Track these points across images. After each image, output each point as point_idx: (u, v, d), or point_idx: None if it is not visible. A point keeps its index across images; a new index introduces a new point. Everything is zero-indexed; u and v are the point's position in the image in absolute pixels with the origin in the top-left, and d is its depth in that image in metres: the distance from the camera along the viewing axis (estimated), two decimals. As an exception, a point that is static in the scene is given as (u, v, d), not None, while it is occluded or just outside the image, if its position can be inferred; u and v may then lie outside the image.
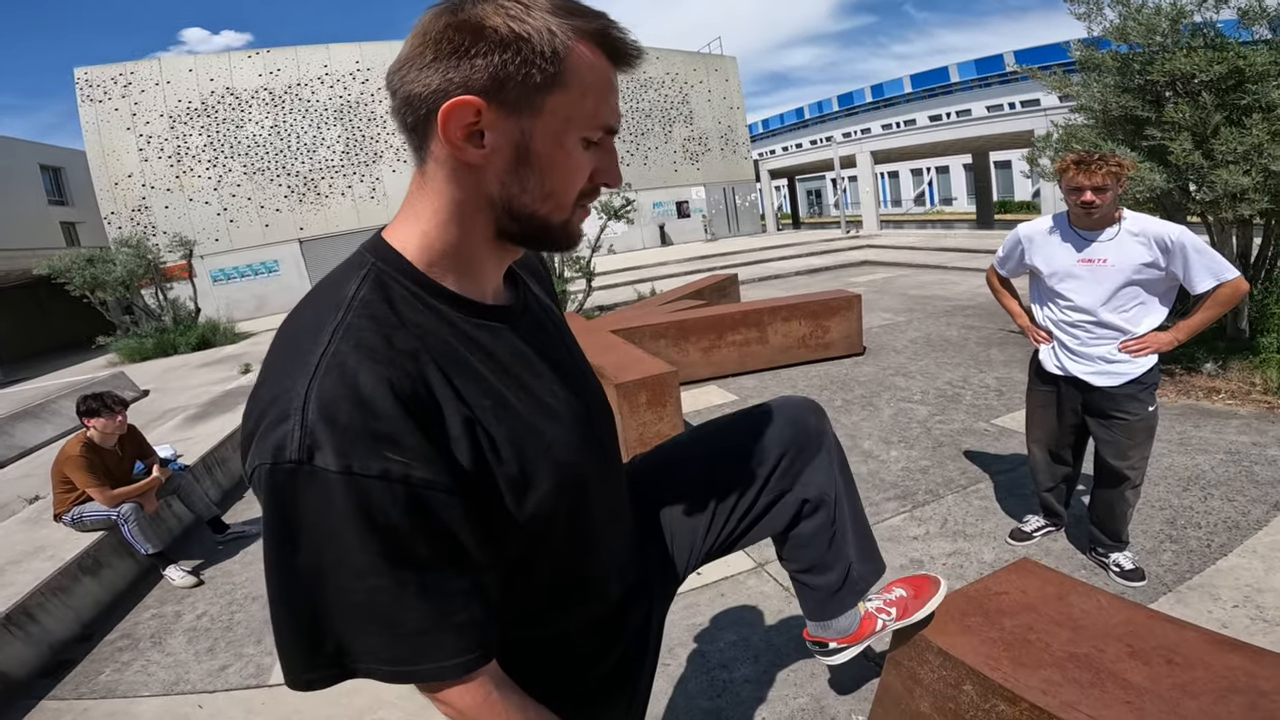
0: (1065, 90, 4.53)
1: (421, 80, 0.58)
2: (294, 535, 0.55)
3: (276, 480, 0.54)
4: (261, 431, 0.55)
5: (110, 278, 11.87)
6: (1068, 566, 2.56)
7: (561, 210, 0.65)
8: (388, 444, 0.55)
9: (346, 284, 0.62)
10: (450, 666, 0.61)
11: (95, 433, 3.33)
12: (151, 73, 17.24)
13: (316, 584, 0.57)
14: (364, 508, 0.54)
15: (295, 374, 0.56)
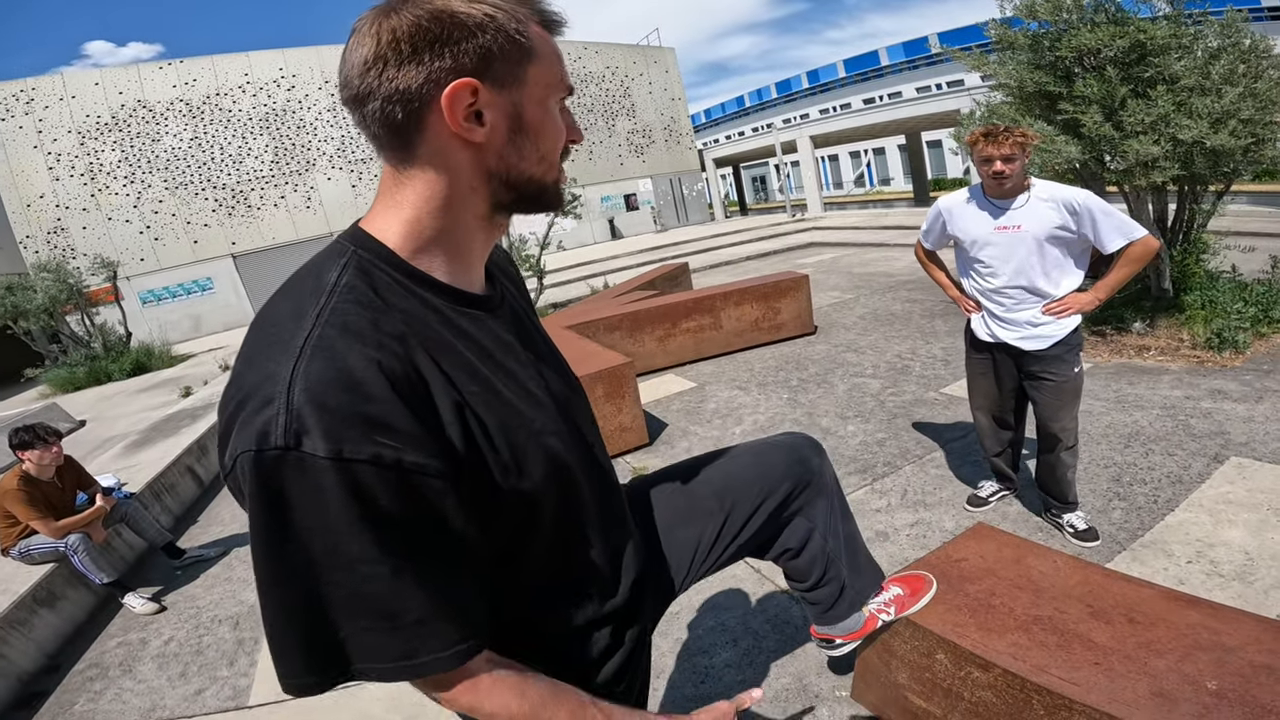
0: (983, 69, 4.71)
1: (406, 75, 0.59)
2: (283, 526, 0.53)
3: (262, 468, 0.52)
4: (244, 418, 0.53)
5: (32, 306, 11.14)
6: (1025, 529, 2.68)
7: (552, 170, 0.69)
8: (379, 428, 0.54)
9: (327, 272, 0.62)
10: (449, 656, 0.60)
11: (31, 465, 3.27)
12: (55, 88, 16.20)
13: (309, 577, 0.54)
14: (356, 494, 0.53)
15: (278, 359, 0.54)
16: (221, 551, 3.78)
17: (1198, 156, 3.86)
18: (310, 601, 0.55)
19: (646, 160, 23.51)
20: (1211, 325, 4.39)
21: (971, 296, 2.60)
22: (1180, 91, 3.78)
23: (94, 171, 16.37)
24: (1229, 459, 2.94)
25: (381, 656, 0.58)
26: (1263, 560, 2.24)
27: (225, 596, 3.29)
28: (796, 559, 1.16)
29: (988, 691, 1.24)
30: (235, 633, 2.94)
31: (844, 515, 1.17)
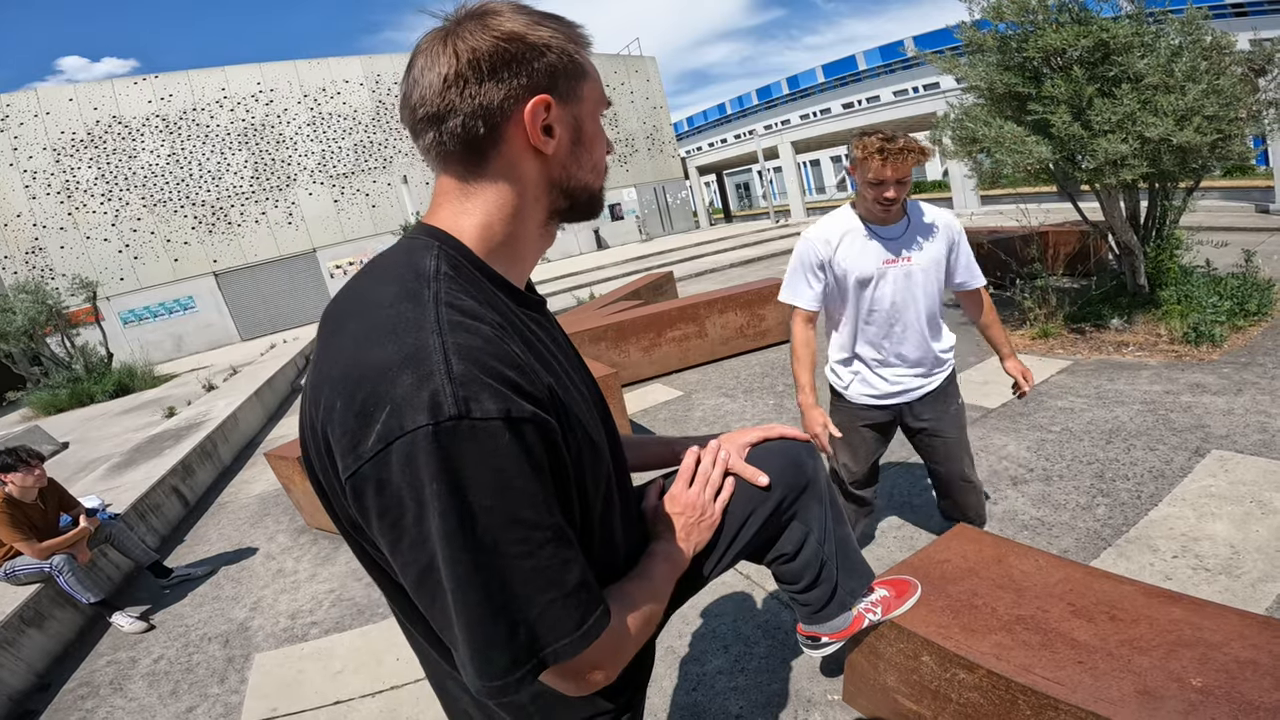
0: (954, 72, 4.79)
1: (489, 92, 0.63)
2: (469, 503, 0.51)
3: (442, 441, 0.50)
4: (401, 395, 0.51)
5: (11, 328, 10.96)
6: (1010, 529, 2.70)
7: (601, 177, 0.75)
8: (525, 393, 0.56)
9: (421, 260, 0.63)
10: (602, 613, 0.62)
11: (13, 488, 3.29)
12: (29, 104, 15.97)
13: (499, 556, 0.53)
14: (525, 452, 0.54)
15: (416, 333, 0.54)
16: (209, 570, 3.77)
17: (1165, 154, 3.94)
18: (505, 581, 0.54)
19: (630, 169, 23.60)
20: (1188, 320, 4.47)
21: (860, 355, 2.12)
22: (1145, 90, 3.86)
23: (70, 189, 16.16)
24: (1210, 452, 2.98)
25: (565, 629, 0.57)
26: (1248, 553, 2.26)
27: (214, 614, 3.28)
28: (791, 563, 1.16)
29: (974, 693, 1.25)
30: (225, 650, 2.93)
31: (837, 518, 1.18)
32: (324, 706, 2.38)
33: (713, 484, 0.95)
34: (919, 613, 1.38)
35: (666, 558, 0.87)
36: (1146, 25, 4.14)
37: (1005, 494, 2.95)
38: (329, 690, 2.46)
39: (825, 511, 1.12)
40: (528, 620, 0.56)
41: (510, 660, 0.56)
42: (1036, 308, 5.16)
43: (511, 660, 0.56)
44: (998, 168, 4.80)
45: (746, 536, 1.02)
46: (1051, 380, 4.21)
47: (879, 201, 1.85)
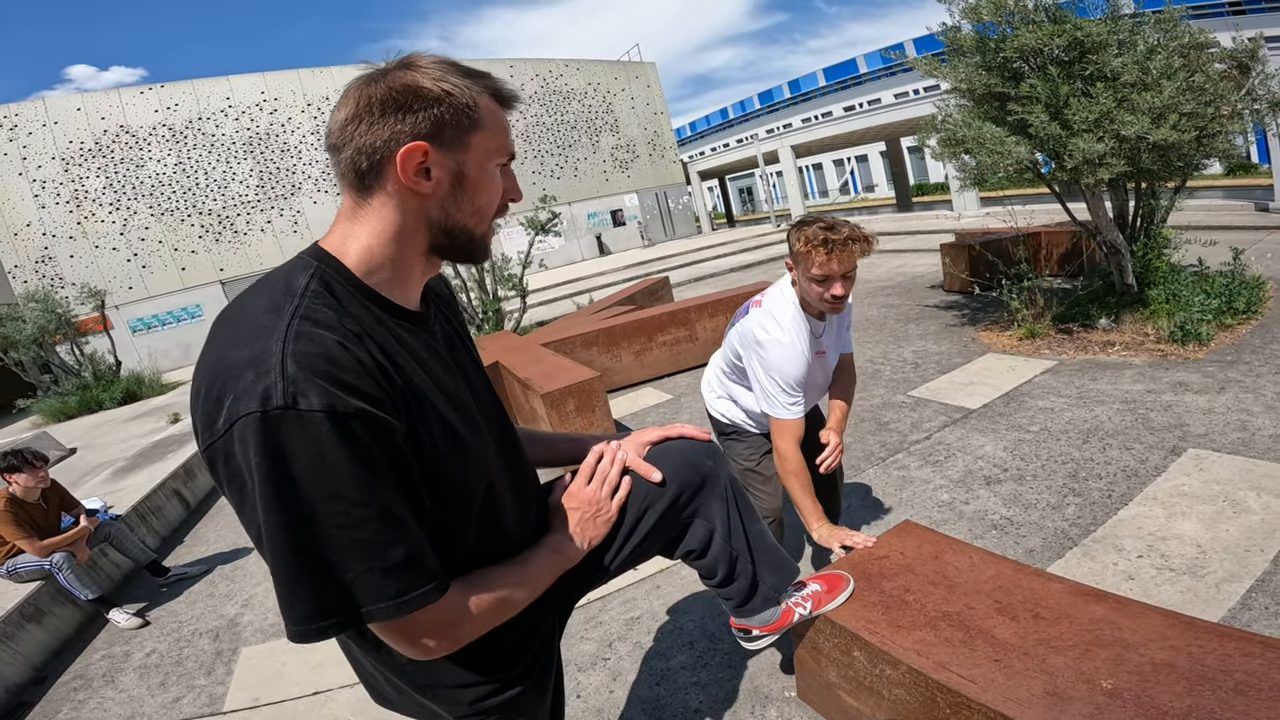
0: (936, 75, 4.80)
1: (373, 133, 0.73)
2: (289, 477, 0.61)
3: (267, 426, 0.60)
4: (241, 388, 0.61)
5: (22, 336, 11.15)
6: (979, 529, 2.71)
7: (484, 223, 0.83)
8: (357, 392, 0.64)
9: (297, 278, 0.73)
10: (432, 589, 0.71)
11: (17, 488, 3.41)
12: (37, 113, 16.20)
13: (315, 523, 0.63)
14: (348, 441, 0.62)
15: (265, 340, 0.64)
16: (204, 570, 3.88)
17: (1144, 152, 3.94)
18: (317, 545, 0.63)
19: (631, 175, 23.66)
20: (1175, 319, 4.46)
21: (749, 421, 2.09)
22: (1121, 88, 3.86)
23: (79, 199, 16.37)
24: (1187, 451, 2.97)
25: (382, 595, 0.67)
26: (1215, 553, 2.24)
27: (206, 611, 3.37)
28: (702, 559, 1.21)
29: (900, 689, 1.27)
30: (214, 644, 3.01)
31: (747, 515, 1.21)
32: (304, 696, 2.46)
33: (610, 482, 1.02)
34: (851, 608, 1.41)
35: (553, 549, 0.95)
36: (1122, 23, 4.14)
37: (978, 494, 2.96)
38: (309, 681, 2.54)
39: (729, 508, 1.15)
40: (341, 581, 0.65)
41: (314, 611, 0.66)
42: (1024, 308, 5.16)
43: (316, 611, 0.66)
44: (982, 169, 4.81)
45: (644, 531, 1.06)
46: (1035, 381, 4.21)
47: (826, 300, 1.70)
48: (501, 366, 4.92)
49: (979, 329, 5.62)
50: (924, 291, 7.75)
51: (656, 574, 2.77)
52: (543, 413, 3.93)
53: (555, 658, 1.05)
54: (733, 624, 1.38)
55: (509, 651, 0.92)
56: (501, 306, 9.17)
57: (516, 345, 5.68)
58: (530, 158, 21.70)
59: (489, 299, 9.07)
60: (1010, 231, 6.91)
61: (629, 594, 2.68)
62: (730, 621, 1.38)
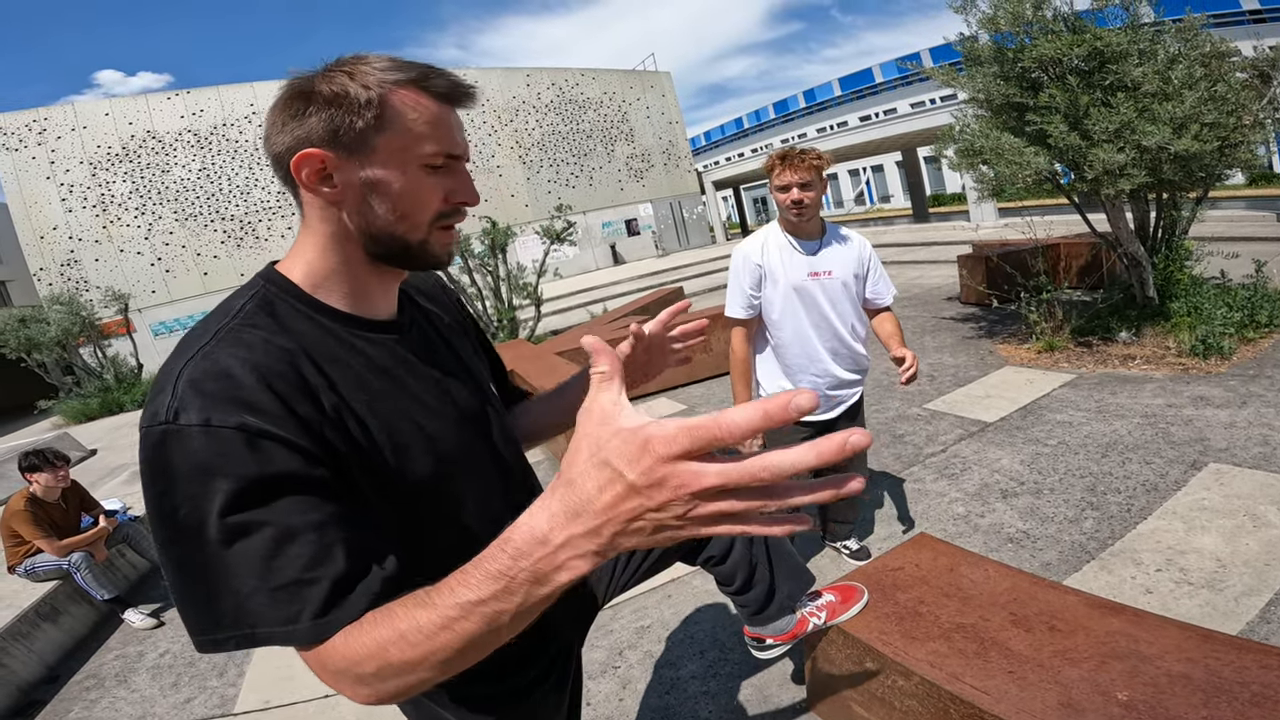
0: (953, 84, 4.79)
1: (278, 142, 0.71)
2: (169, 491, 0.60)
3: (150, 441, 0.61)
4: (150, 406, 0.62)
5: (45, 338, 11.37)
6: (994, 542, 2.68)
7: (417, 230, 0.75)
8: (246, 406, 0.61)
9: (236, 301, 0.73)
10: (326, 623, 0.60)
11: (38, 487, 3.44)
12: (66, 118, 16.54)
13: (197, 539, 0.60)
14: (222, 455, 0.59)
15: (175, 363, 0.65)
16: None
17: (1165, 162, 3.90)
18: (202, 563, 0.60)
19: (646, 185, 23.77)
20: (1196, 332, 4.39)
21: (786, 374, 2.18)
22: (1142, 98, 3.83)
23: (105, 203, 16.70)
24: (1207, 465, 2.93)
25: (269, 619, 0.60)
26: (1235, 566, 2.22)
27: None
28: (721, 565, 1.21)
29: (912, 700, 1.26)
30: None
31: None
32: (314, 700, 2.48)
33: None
34: (865, 619, 1.40)
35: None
36: (1142, 32, 4.11)
37: (994, 507, 2.92)
38: (319, 685, 2.52)
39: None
40: (235, 594, 0.59)
41: (209, 622, 0.61)
42: (1042, 321, 5.11)
43: (211, 622, 0.61)
44: (1000, 179, 4.78)
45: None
46: (1053, 394, 4.16)
47: (790, 206, 1.97)
48: (515, 375, 4.95)
49: (996, 342, 5.57)
50: (940, 303, 7.69)
51: (668, 583, 2.76)
52: (556, 420, 3.95)
53: (574, 668, 1.03)
54: (746, 633, 1.38)
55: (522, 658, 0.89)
56: (516, 315, 9.23)
57: (530, 354, 5.71)
58: (545, 166, 21.87)
59: (504, 307, 9.13)
60: (1029, 243, 6.85)
61: (640, 602, 2.68)
62: (744, 630, 1.38)
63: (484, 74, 21.05)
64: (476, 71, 21.04)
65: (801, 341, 2.11)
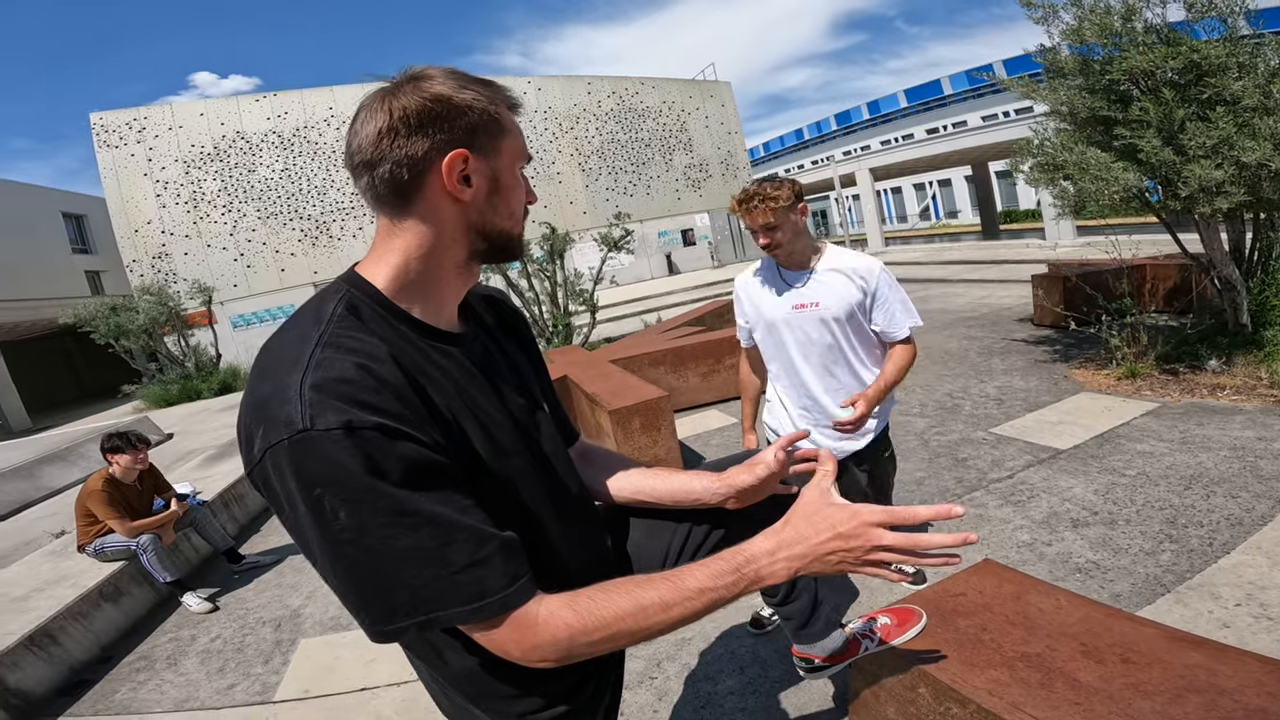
0: (1033, 96, 4.57)
1: (413, 145, 0.73)
2: (324, 496, 0.62)
3: (296, 450, 0.62)
4: (268, 417, 0.63)
5: (134, 326, 12.18)
6: (1061, 572, 2.53)
7: (518, 224, 0.84)
8: (375, 409, 0.64)
9: (325, 306, 0.74)
10: (514, 592, 0.68)
11: (118, 469, 3.53)
12: (164, 117, 17.72)
13: (362, 538, 0.63)
14: (370, 454, 0.62)
15: (290, 372, 0.65)
16: (276, 560, 4.00)
17: (1266, 180, 3.62)
18: (368, 558, 0.63)
19: (703, 195, 23.72)
20: (1293, 363, 4.05)
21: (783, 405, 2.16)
22: (1242, 112, 3.57)
23: (196, 200, 17.82)
24: (1298, 502, 2.71)
25: (454, 600, 0.66)
26: (1319, 603, 2.05)
27: (273, 600, 3.49)
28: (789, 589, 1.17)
29: (970, 729, 1.19)
30: (275, 634, 3.11)
31: None
32: (351, 692, 2.50)
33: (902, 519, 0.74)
34: (920, 643, 1.33)
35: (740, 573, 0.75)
36: (1241, 45, 3.84)
37: (1062, 536, 2.76)
38: (359, 677, 2.58)
39: None
40: (410, 586, 0.65)
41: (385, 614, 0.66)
42: (1125, 347, 4.81)
43: (387, 614, 0.66)
44: (1083, 196, 4.54)
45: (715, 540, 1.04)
46: (1133, 423, 3.91)
47: (761, 249, 1.97)
48: (570, 380, 4.98)
49: (1071, 366, 5.27)
50: (1011, 324, 7.35)
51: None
52: (608, 429, 3.96)
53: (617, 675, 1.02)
54: (795, 653, 1.33)
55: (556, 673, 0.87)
56: (571, 321, 9.33)
57: (585, 360, 5.76)
58: (604, 174, 22.13)
59: (560, 313, 9.24)
60: (1111, 263, 6.47)
61: (682, 612, 2.64)
62: (792, 650, 1.33)
63: (546, 81, 21.52)
64: (540, 79, 21.54)
65: (789, 374, 2.07)
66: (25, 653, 2.81)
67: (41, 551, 3.97)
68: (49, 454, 6.99)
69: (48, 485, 6.39)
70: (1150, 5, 4.18)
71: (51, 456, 6.92)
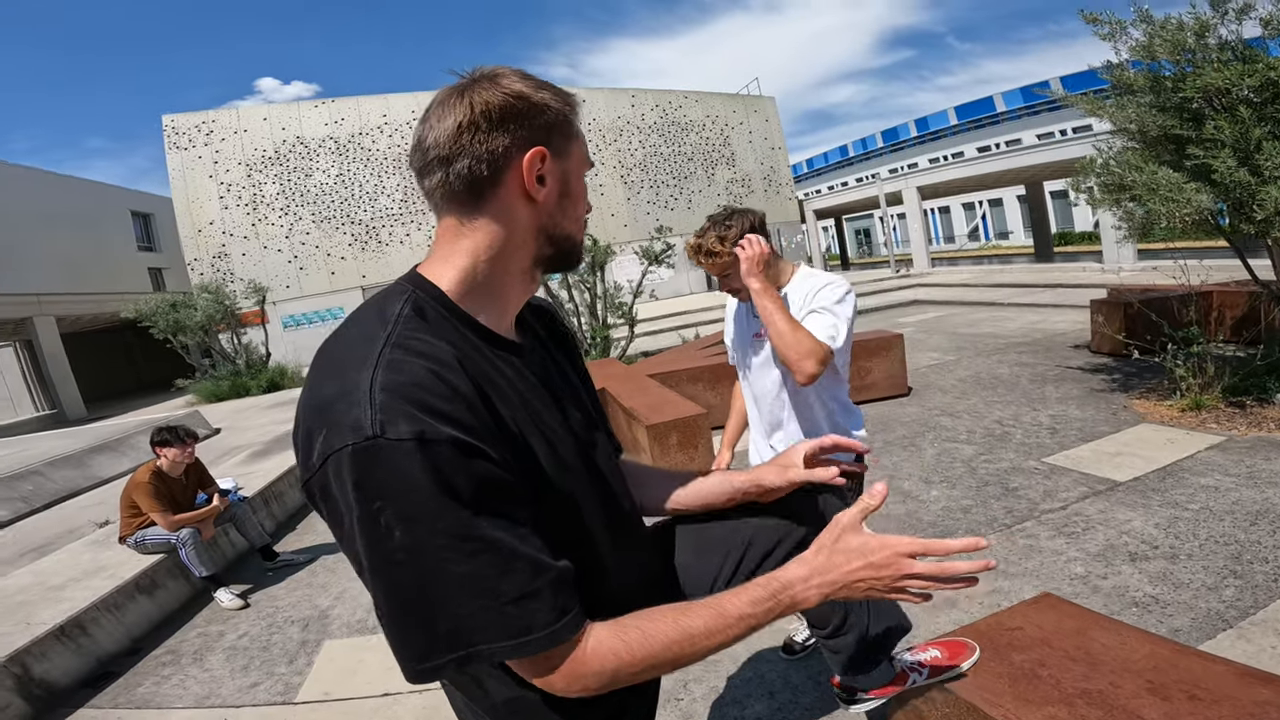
0: (1100, 113, 4.39)
1: (494, 140, 0.71)
2: (385, 510, 0.58)
3: (359, 459, 0.58)
4: (333, 419, 0.60)
5: (191, 323, 12.72)
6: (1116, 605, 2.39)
7: (581, 229, 0.83)
8: (449, 419, 0.60)
9: (390, 306, 0.71)
10: (561, 627, 0.64)
11: (165, 462, 3.58)
12: (231, 121, 18.53)
13: (417, 559, 0.59)
14: (440, 471, 0.58)
15: (357, 371, 0.62)
16: (309, 559, 4.03)
17: (1347, 205, 3.40)
18: (419, 582, 0.59)
19: (747, 209, 23.61)
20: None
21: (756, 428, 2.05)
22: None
23: (256, 202, 18.55)
24: (1375, 543, 2.51)
25: (499, 634, 0.61)
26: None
27: (302, 600, 3.51)
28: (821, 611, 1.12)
29: (1023, 772, 1.11)
30: (302, 634, 3.12)
31: None
32: (372, 697, 2.47)
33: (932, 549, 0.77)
34: (972, 677, 1.26)
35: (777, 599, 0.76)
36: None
37: (1119, 569, 2.63)
38: (380, 682, 2.55)
39: None
40: (453, 617, 0.61)
41: (426, 649, 0.62)
42: (1190, 377, 4.56)
43: (427, 649, 0.62)
44: (1151, 218, 4.34)
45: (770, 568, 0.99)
46: (1198, 456, 3.70)
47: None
48: (608, 394, 4.97)
49: (1131, 396, 5.03)
50: (1066, 351, 7.06)
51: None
52: (645, 444, 3.93)
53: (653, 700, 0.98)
54: (835, 683, 1.27)
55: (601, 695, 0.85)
56: (610, 334, 9.34)
57: (623, 374, 5.75)
58: (646, 187, 22.25)
59: (598, 325, 9.26)
60: (1177, 289, 6.16)
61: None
62: (832, 680, 1.27)
63: (591, 93, 21.80)
64: (584, 90, 21.83)
65: (755, 398, 1.97)
66: (54, 643, 2.82)
67: (84, 541, 4.04)
68: (100, 444, 7.17)
69: (96, 474, 6.54)
70: (1225, 21, 4.00)
71: (102, 446, 7.10)
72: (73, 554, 3.82)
